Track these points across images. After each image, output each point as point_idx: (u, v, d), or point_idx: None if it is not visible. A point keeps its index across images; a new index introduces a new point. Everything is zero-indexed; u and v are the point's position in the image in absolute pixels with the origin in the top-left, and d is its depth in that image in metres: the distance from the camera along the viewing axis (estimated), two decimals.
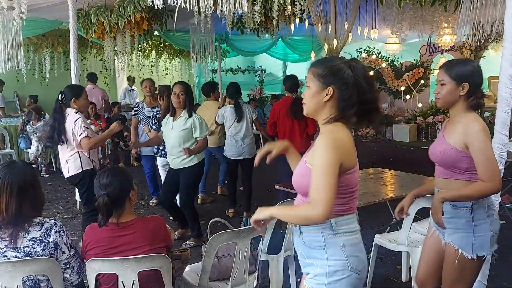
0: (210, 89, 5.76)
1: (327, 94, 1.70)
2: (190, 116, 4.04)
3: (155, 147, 4.88)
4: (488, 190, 2.04)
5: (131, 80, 11.18)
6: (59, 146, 3.87)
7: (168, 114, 4.21)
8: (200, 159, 4.17)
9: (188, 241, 4.27)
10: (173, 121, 4.11)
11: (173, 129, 4.07)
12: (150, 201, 5.70)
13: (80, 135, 3.70)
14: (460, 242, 2.16)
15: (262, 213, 1.79)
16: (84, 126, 3.73)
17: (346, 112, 1.70)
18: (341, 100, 1.69)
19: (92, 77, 8.57)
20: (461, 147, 2.11)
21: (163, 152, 4.79)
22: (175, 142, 4.07)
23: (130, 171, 3.80)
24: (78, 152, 3.82)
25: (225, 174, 5.96)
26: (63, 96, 3.83)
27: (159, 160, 4.97)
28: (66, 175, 3.96)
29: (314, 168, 1.63)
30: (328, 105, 1.72)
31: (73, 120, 3.73)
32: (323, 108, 1.73)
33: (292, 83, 4.84)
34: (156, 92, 5.33)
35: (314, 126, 4.61)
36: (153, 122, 4.79)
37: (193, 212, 4.27)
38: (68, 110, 3.81)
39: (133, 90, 11.19)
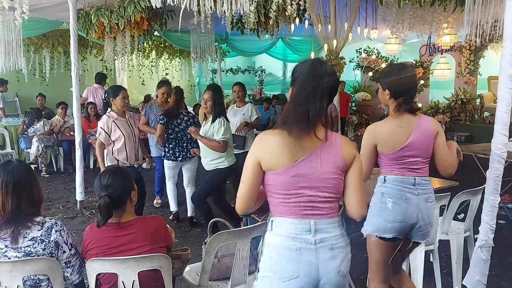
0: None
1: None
2: (214, 120, 4.12)
3: (163, 149, 4.85)
4: None
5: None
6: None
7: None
8: (230, 163, 4.22)
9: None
10: (203, 126, 4.26)
11: (202, 133, 4.20)
12: (155, 201, 5.62)
13: (99, 134, 4.12)
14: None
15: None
16: (101, 128, 4.09)
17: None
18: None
19: (98, 78, 8.56)
20: None
21: (169, 154, 4.76)
22: (202, 145, 4.21)
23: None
24: (109, 149, 4.17)
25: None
26: (106, 96, 4.24)
27: (166, 163, 4.92)
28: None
29: None
30: None
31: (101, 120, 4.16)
32: None
33: None
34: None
35: None
36: (160, 118, 4.76)
37: (205, 207, 4.32)
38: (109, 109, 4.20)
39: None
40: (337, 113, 5.19)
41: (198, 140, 4.24)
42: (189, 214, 4.90)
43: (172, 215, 5.04)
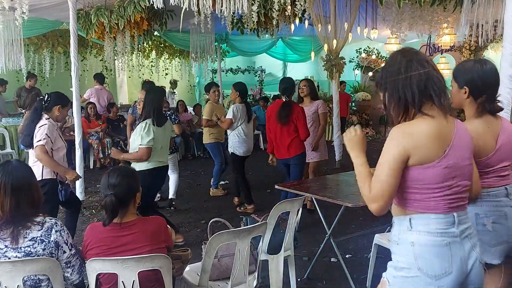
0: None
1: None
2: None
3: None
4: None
5: (173, 83, 11.32)
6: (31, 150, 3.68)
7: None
8: (147, 167, 3.92)
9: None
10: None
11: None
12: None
13: (37, 141, 3.48)
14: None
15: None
16: (46, 134, 3.49)
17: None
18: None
19: (101, 78, 8.57)
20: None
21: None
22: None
23: None
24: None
25: (219, 176, 6.06)
26: (48, 99, 3.64)
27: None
28: None
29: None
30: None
31: (39, 125, 3.54)
32: None
33: (284, 86, 4.65)
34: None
35: (306, 132, 4.48)
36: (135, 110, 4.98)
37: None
38: (43, 115, 3.63)
39: (174, 93, 11.43)
40: (325, 110, 5.04)
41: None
42: (170, 196, 5.46)
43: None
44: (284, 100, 4.62)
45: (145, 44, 9.92)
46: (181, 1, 4.06)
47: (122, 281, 2.07)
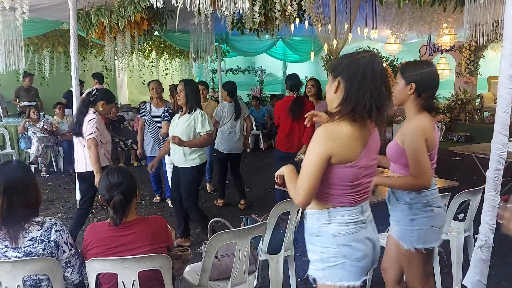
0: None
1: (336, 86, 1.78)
2: (192, 111, 4.01)
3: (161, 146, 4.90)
4: (416, 184, 2.20)
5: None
6: (77, 138, 3.98)
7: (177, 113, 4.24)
8: (202, 161, 4.10)
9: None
10: (179, 118, 4.12)
11: (178, 125, 4.06)
12: (154, 198, 5.81)
13: (89, 135, 3.78)
14: (399, 234, 2.33)
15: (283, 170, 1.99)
16: (96, 128, 3.80)
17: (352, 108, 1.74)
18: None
19: (100, 78, 8.49)
20: (401, 144, 2.25)
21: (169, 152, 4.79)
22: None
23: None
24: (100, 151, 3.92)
25: (210, 171, 6.20)
26: (96, 94, 3.95)
27: (167, 159, 5.02)
28: (79, 169, 4.01)
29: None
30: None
31: (88, 119, 3.83)
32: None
33: (292, 82, 4.82)
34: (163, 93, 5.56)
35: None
36: (165, 114, 4.84)
37: (199, 212, 4.22)
38: (90, 109, 3.92)
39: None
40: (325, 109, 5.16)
41: (175, 134, 4.08)
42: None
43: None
44: (294, 95, 4.75)
45: (145, 44, 9.91)
46: (180, 1, 4.06)
47: (122, 281, 2.07)
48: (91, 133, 3.77)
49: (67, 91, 8.70)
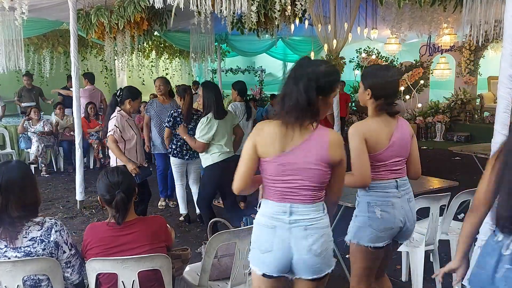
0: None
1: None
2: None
3: (171, 146, 4.79)
4: (353, 181, 2.26)
5: (196, 84, 11.24)
6: None
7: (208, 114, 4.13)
8: (215, 161, 4.08)
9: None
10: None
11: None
12: (159, 203, 5.55)
13: (108, 132, 3.98)
14: (348, 228, 2.44)
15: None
16: (115, 125, 3.96)
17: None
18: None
19: (91, 78, 8.45)
20: None
21: (175, 151, 4.70)
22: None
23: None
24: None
25: None
26: (120, 93, 4.10)
27: (172, 160, 4.84)
28: (111, 164, 4.23)
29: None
30: None
31: (111, 118, 4.03)
32: None
33: None
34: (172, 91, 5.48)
35: (326, 124, 4.65)
36: (168, 120, 4.67)
37: (208, 212, 4.20)
38: (117, 107, 4.10)
39: (197, 93, 11.32)
40: (331, 111, 5.12)
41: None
42: (198, 212, 4.79)
43: (182, 217, 4.99)
44: None
45: (145, 44, 9.91)
46: (179, 1, 4.06)
47: (122, 281, 2.07)
48: (110, 130, 3.96)
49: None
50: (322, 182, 1.92)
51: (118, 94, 4.12)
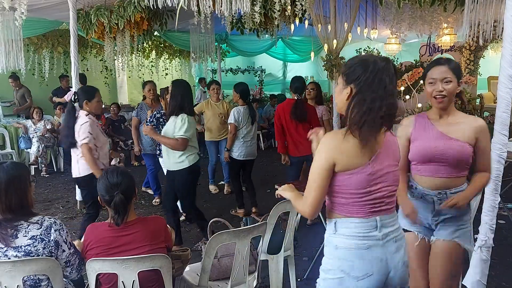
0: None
1: (347, 93, 1.69)
2: (176, 114, 3.87)
3: (157, 147, 4.86)
4: (488, 180, 2.18)
5: (203, 82, 11.21)
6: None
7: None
8: (192, 162, 3.92)
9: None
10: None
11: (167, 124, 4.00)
12: (153, 200, 5.72)
13: (82, 140, 3.66)
14: (464, 237, 2.23)
15: (285, 193, 1.91)
16: (89, 132, 3.66)
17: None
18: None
19: (83, 79, 8.37)
20: (472, 143, 2.20)
21: (160, 151, 4.75)
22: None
23: (130, 170, 3.81)
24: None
25: (211, 172, 6.22)
26: (76, 98, 3.83)
27: (162, 161, 4.93)
28: (73, 175, 3.91)
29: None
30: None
31: (80, 123, 3.70)
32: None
33: (297, 85, 4.69)
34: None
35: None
36: (150, 120, 4.72)
37: (196, 212, 4.18)
38: (80, 112, 3.78)
39: (206, 92, 11.36)
40: (328, 117, 5.12)
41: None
42: (182, 218, 4.83)
43: (183, 217, 4.94)
44: (295, 98, 4.64)
45: (145, 44, 9.92)
46: (179, 1, 4.06)
47: (122, 281, 2.07)
48: (84, 138, 3.65)
49: (57, 88, 8.71)
50: (397, 185, 1.80)
51: (74, 99, 3.82)
